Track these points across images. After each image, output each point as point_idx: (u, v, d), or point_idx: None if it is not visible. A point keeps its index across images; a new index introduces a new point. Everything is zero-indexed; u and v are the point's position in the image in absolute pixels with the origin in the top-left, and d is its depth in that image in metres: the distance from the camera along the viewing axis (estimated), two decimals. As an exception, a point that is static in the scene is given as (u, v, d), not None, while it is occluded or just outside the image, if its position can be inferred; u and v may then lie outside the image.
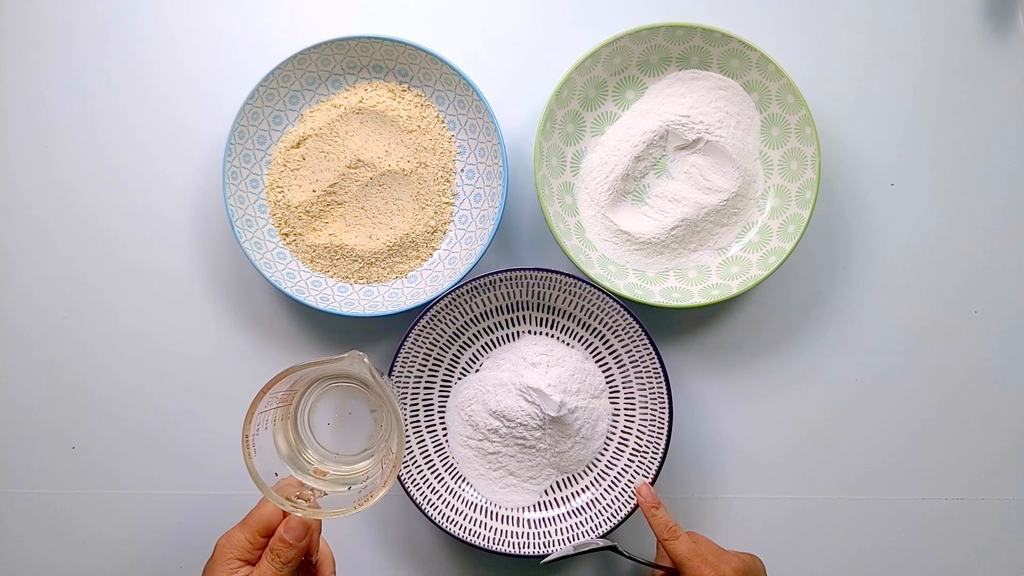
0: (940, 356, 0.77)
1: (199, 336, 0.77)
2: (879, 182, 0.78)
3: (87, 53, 0.78)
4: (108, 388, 0.77)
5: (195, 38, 0.78)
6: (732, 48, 0.73)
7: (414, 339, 0.72)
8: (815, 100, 0.73)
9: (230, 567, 0.50)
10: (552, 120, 0.73)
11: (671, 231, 0.74)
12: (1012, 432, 0.77)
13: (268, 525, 0.51)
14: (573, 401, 0.70)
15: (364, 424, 0.61)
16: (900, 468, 0.77)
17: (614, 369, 0.74)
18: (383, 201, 0.75)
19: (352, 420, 0.61)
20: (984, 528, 0.76)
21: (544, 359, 0.72)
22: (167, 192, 0.77)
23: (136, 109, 0.78)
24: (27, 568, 0.76)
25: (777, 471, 0.77)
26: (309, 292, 0.73)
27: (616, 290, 0.71)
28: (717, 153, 0.74)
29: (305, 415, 0.58)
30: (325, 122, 0.74)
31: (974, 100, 0.78)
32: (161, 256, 0.77)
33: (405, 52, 0.73)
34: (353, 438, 0.60)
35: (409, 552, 0.76)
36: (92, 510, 0.76)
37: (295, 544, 0.51)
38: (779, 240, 0.74)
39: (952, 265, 0.78)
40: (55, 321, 0.77)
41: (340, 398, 0.61)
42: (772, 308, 0.77)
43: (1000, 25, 0.79)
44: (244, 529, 0.51)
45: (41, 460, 0.77)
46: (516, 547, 0.71)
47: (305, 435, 0.57)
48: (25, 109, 0.78)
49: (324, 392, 0.60)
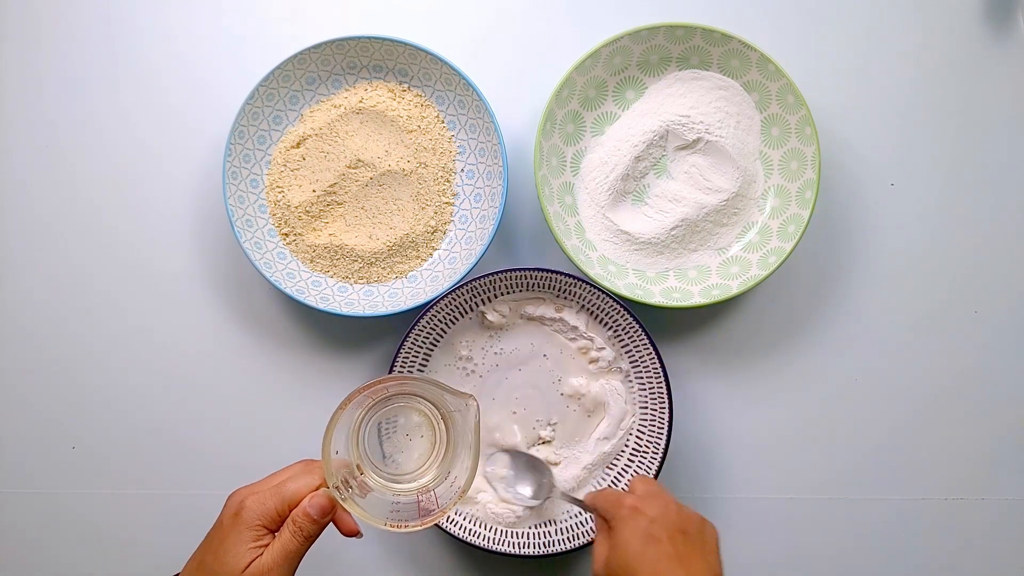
0: (940, 356, 0.77)
1: (199, 336, 0.77)
2: (879, 182, 0.78)
3: (88, 53, 0.78)
4: (108, 388, 0.77)
5: (196, 38, 0.78)
6: (732, 48, 0.73)
7: (414, 339, 0.72)
8: (815, 100, 0.73)
9: (258, 532, 0.50)
10: (552, 120, 0.73)
11: (671, 231, 0.74)
12: (1012, 432, 0.77)
13: (299, 500, 0.52)
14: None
15: (415, 448, 0.63)
16: (900, 468, 0.77)
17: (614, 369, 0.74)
18: (383, 201, 0.75)
19: (410, 443, 0.63)
20: (984, 528, 0.76)
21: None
22: (167, 192, 0.77)
23: (136, 109, 0.78)
24: (27, 568, 0.76)
25: (777, 471, 0.77)
26: (309, 292, 0.73)
27: (616, 290, 0.71)
28: (717, 153, 0.74)
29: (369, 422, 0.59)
30: (325, 122, 0.74)
31: (974, 100, 0.78)
32: (161, 256, 0.77)
33: (405, 52, 0.73)
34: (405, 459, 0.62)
35: (409, 552, 0.76)
36: (92, 510, 0.76)
37: (318, 521, 0.51)
38: (779, 240, 0.74)
39: (952, 265, 0.78)
40: (55, 321, 0.77)
41: (405, 418, 0.62)
42: (772, 308, 0.77)
43: (1000, 25, 0.79)
44: (277, 499, 0.51)
45: (41, 460, 0.77)
46: (516, 547, 0.71)
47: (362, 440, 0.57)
48: (26, 108, 0.78)
49: (394, 408, 0.61)
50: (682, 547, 0.54)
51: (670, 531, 0.55)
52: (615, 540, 0.56)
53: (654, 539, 0.55)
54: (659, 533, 0.55)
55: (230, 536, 0.50)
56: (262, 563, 0.50)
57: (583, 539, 0.70)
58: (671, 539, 0.55)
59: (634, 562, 0.54)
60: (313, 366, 0.77)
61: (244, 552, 0.50)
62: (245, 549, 0.50)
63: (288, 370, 0.77)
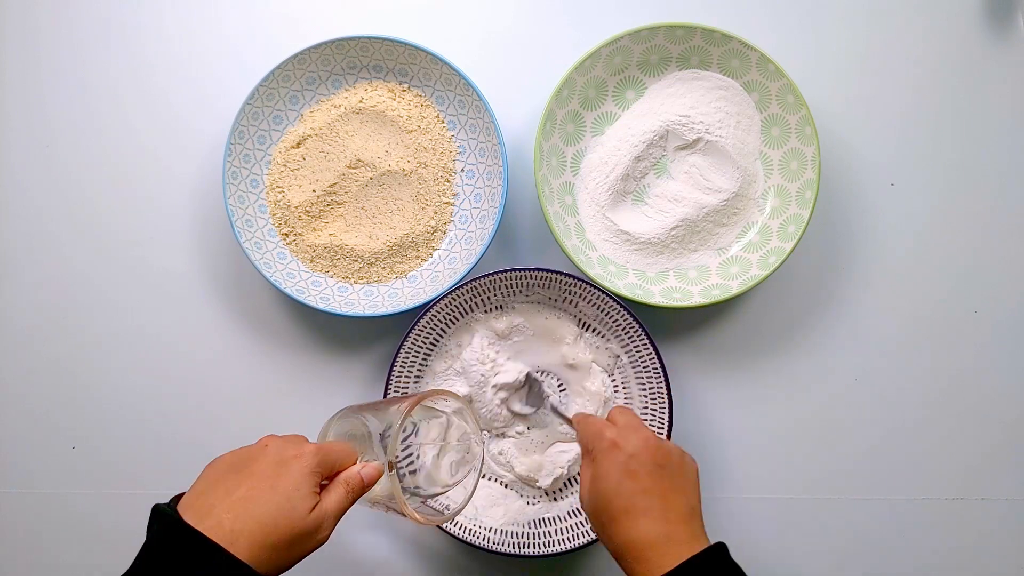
0: (940, 356, 0.77)
1: (199, 336, 0.77)
2: (879, 182, 0.78)
3: (89, 53, 0.78)
4: (108, 388, 0.77)
5: (196, 38, 0.78)
6: (732, 48, 0.73)
7: (414, 339, 0.72)
8: (815, 100, 0.73)
9: (316, 480, 0.53)
10: (552, 120, 0.73)
11: (671, 231, 0.74)
12: (1012, 432, 0.77)
13: (344, 465, 0.56)
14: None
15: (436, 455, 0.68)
16: (900, 468, 0.77)
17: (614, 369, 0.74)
18: (383, 201, 0.75)
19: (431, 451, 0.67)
20: (984, 528, 0.76)
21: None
22: (167, 192, 0.78)
23: (137, 109, 0.78)
24: (27, 568, 0.76)
25: (777, 471, 0.77)
26: (309, 292, 0.73)
27: (616, 290, 0.71)
28: (717, 153, 0.74)
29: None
30: (325, 122, 0.74)
31: (974, 100, 0.78)
32: (161, 256, 0.77)
33: (405, 52, 0.73)
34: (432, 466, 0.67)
35: (409, 552, 0.76)
36: (92, 510, 0.76)
37: (367, 487, 0.56)
38: (779, 240, 0.74)
39: (952, 265, 0.78)
40: (55, 321, 0.77)
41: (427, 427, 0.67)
42: (772, 308, 0.77)
43: (1000, 25, 0.79)
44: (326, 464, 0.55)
45: (41, 460, 0.77)
46: (516, 547, 0.71)
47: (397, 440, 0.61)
48: (26, 108, 0.78)
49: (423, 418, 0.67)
50: (660, 481, 0.56)
51: (647, 466, 0.56)
52: (596, 472, 0.58)
53: (632, 474, 0.56)
54: (636, 468, 0.56)
55: (296, 476, 0.52)
56: (325, 509, 0.53)
57: (583, 539, 0.70)
58: (649, 474, 0.56)
59: (612, 495, 0.56)
60: (313, 366, 0.77)
61: (309, 494, 0.52)
62: (309, 491, 0.52)
63: (288, 370, 0.77)
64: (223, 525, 0.49)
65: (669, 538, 0.53)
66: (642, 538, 0.54)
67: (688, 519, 0.55)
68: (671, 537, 0.53)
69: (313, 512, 0.52)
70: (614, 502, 0.56)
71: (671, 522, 0.54)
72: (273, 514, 0.50)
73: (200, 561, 0.48)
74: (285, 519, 0.51)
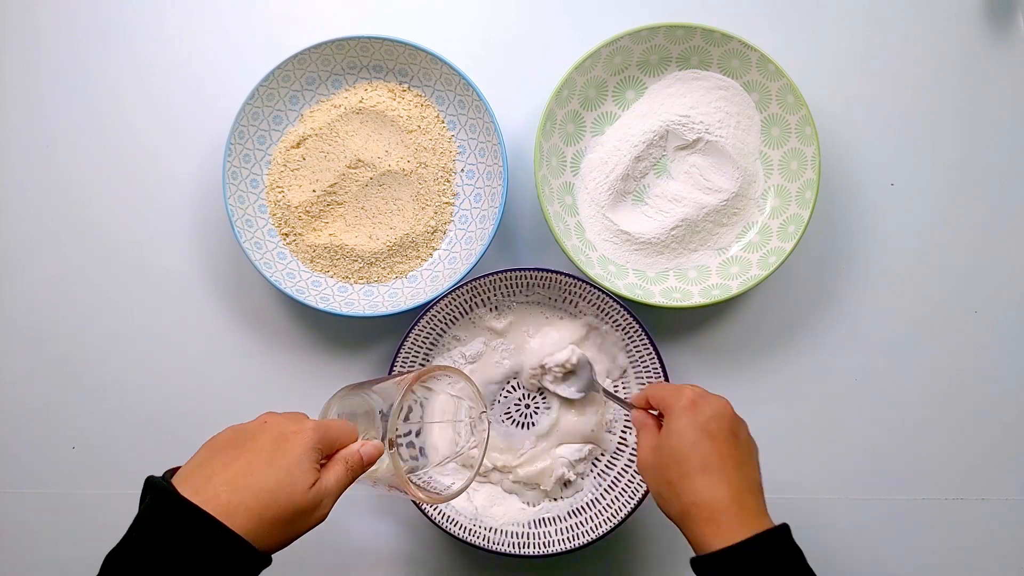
0: (940, 356, 0.77)
1: (199, 336, 0.77)
2: (879, 182, 0.78)
3: (89, 53, 0.78)
4: (108, 388, 0.77)
5: (196, 38, 0.78)
6: (732, 48, 0.73)
7: (414, 339, 0.72)
8: (815, 100, 0.73)
9: (317, 457, 0.52)
10: (552, 120, 0.73)
11: (671, 231, 0.74)
12: (1012, 432, 0.77)
13: (343, 443, 0.55)
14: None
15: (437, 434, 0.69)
16: (900, 468, 0.77)
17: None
18: (383, 201, 0.75)
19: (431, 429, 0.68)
20: (984, 528, 0.76)
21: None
22: (167, 192, 0.78)
23: (137, 109, 0.78)
24: (27, 568, 0.76)
25: (777, 471, 0.76)
26: (309, 292, 0.73)
27: (616, 290, 0.71)
28: (717, 153, 0.74)
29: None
30: (325, 122, 0.74)
31: (974, 100, 0.78)
32: (161, 256, 0.77)
33: (405, 52, 0.73)
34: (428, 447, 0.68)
35: (409, 552, 0.76)
36: (92, 510, 0.76)
37: (367, 465, 0.55)
38: (779, 240, 0.74)
39: (952, 265, 0.78)
40: (55, 321, 0.77)
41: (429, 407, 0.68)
42: (772, 308, 0.77)
43: (1000, 25, 0.79)
44: (327, 441, 0.54)
45: (41, 460, 0.77)
46: (516, 547, 0.71)
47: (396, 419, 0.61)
48: (26, 108, 0.78)
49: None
50: (735, 449, 0.56)
51: (725, 432, 0.56)
52: (670, 428, 0.57)
53: (710, 434, 0.56)
54: (715, 430, 0.56)
55: (297, 451, 0.51)
56: (325, 485, 0.52)
57: (583, 539, 0.70)
58: (725, 440, 0.56)
59: (688, 451, 0.55)
60: (313, 366, 0.77)
61: (309, 469, 0.51)
62: (310, 466, 0.51)
63: (288, 370, 0.77)
64: (220, 498, 0.47)
65: (742, 507, 0.53)
66: (715, 500, 0.53)
67: (756, 492, 0.56)
68: (743, 506, 0.53)
69: (313, 488, 0.51)
70: (691, 459, 0.55)
71: (743, 491, 0.54)
72: (272, 488, 0.49)
73: (195, 535, 0.46)
74: (284, 494, 0.49)
